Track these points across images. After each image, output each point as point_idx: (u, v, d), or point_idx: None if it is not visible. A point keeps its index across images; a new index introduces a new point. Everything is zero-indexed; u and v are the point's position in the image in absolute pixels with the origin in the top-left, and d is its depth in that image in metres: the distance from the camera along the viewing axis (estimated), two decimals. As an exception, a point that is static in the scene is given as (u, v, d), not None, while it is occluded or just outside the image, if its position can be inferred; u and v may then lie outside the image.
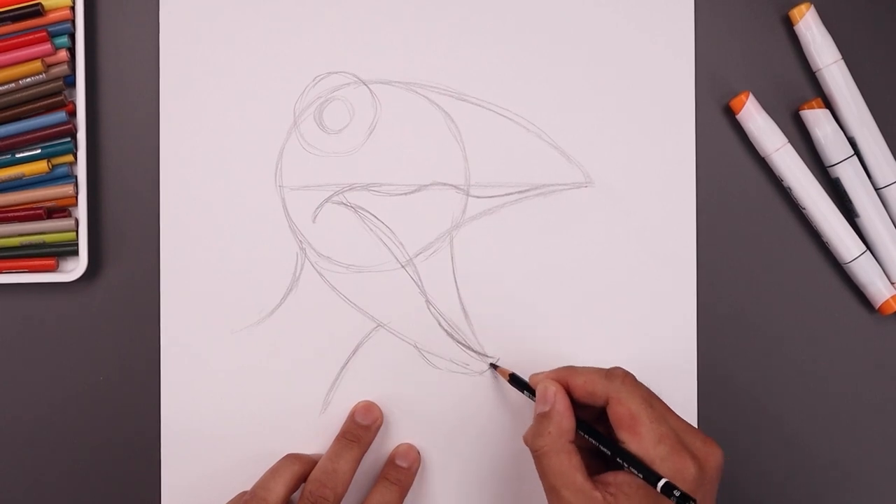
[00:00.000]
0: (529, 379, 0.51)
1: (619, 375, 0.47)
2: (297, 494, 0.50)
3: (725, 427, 0.54)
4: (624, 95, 0.54)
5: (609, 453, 0.45)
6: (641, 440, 0.44)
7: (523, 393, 0.51)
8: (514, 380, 0.51)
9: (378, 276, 0.53)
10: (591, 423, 0.47)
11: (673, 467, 0.44)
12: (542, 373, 0.50)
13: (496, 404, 0.53)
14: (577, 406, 0.47)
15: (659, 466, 0.44)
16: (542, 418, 0.47)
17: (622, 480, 0.44)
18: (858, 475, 0.55)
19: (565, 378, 0.48)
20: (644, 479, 0.43)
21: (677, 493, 0.42)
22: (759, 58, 0.54)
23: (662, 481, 0.43)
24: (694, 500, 0.42)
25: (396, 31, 0.53)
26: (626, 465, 0.44)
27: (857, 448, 0.54)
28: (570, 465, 0.45)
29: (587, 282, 0.53)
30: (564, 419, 0.46)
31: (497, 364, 0.53)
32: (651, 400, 0.46)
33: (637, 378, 0.47)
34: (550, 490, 0.45)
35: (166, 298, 0.53)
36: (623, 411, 0.45)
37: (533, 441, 0.47)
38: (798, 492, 0.54)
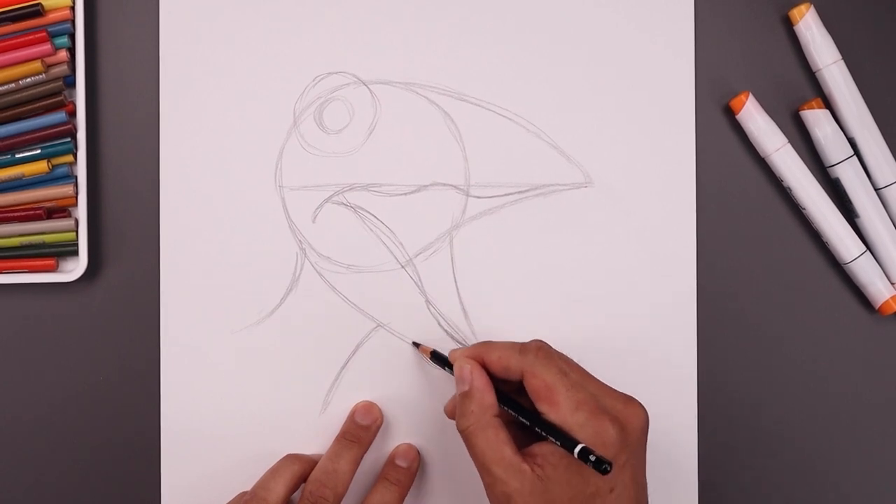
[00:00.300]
0: (449, 355, 0.50)
1: (533, 349, 0.46)
2: (297, 494, 0.50)
3: (725, 427, 0.54)
4: (624, 95, 0.54)
5: (528, 424, 0.45)
6: (559, 409, 0.44)
7: (444, 370, 0.51)
8: (436, 356, 0.51)
9: (378, 276, 0.53)
10: (513, 395, 0.47)
11: (592, 432, 0.43)
12: (460, 349, 0.50)
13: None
14: (499, 381, 0.47)
15: (578, 433, 0.43)
16: (463, 398, 0.47)
17: (547, 451, 0.44)
18: (858, 475, 0.55)
19: (481, 355, 0.48)
20: (562, 446, 0.43)
21: (593, 458, 0.42)
22: (759, 58, 0.54)
23: (578, 447, 0.43)
24: (609, 463, 0.41)
25: (396, 31, 0.53)
26: (545, 436, 0.44)
27: (857, 448, 0.54)
28: (496, 441, 0.45)
29: (587, 282, 0.53)
30: (485, 395, 0.46)
31: (419, 343, 0.53)
32: (567, 369, 0.46)
33: (553, 349, 0.47)
34: (481, 467, 0.45)
35: (166, 298, 0.53)
36: (538, 383, 0.45)
37: (459, 422, 0.46)
38: (798, 492, 0.54)
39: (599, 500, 0.44)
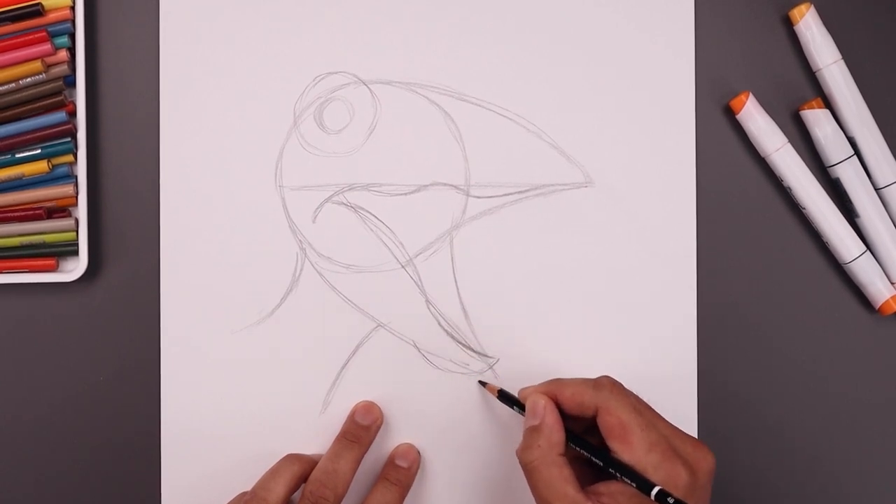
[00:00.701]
0: (518, 394, 0.50)
1: (607, 385, 0.46)
2: (297, 495, 0.50)
3: (725, 427, 0.54)
4: (624, 95, 0.54)
5: (601, 464, 0.45)
6: (633, 449, 0.44)
7: (513, 409, 0.51)
8: (503, 396, 0.51)
9: (378, 276, 0.53)
10: (581, 434, 0.47)
11: (665, 474, 0.43)
12: (531, 387, 0.50)
13: (496, 404, 0.53)
14: (567, 418, 0.47)
15: (651, 474, 0.43)
16: (532, 432, 0.47)
17: (615, 490, 0.44)
18: (858, 475, 0.55)
19: (553, 391, 0.48)
20: (637, 487, 0.43)
21: (671, 501, 0.42)
22: (759, 58, 0.54)
23: (656, 489, 0.42)
24: None
25: (396, 31, 0.53)
26: (618, 475, 0.44)
27: (857, 448, 0.54)
28: (560, 478, 0.45)
29: (587, 282, 0.53)
30: (554, 432, 0.46)
31: (485, 381, 0.53)
32: (640, 408, 0.46)
33: (625, 386, 0.47)
34: (541, 501, 0.45)
35: (166, 298, 0.53)
36: (613, 420, 0.45)
37: (523, 454, 0.46)
38: (798, 492, 0.54)
39: None
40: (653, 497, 0.42)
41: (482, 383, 0.53)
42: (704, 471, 0.45)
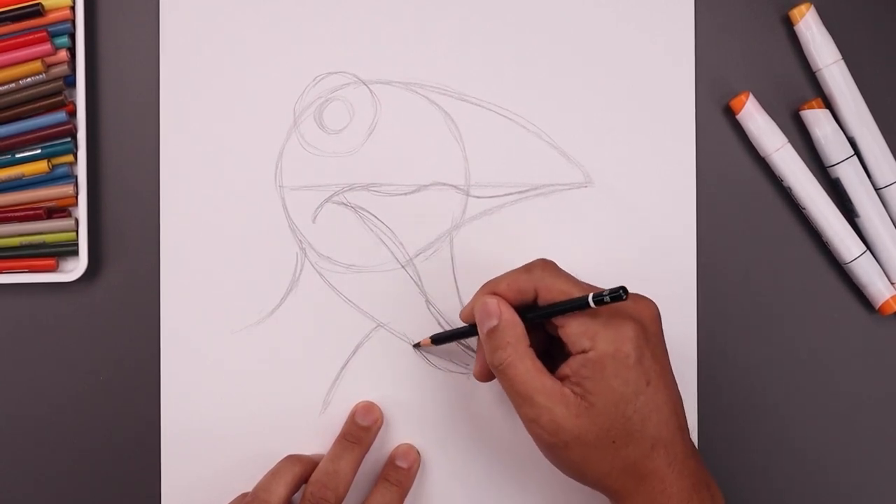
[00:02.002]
0: (460, 315, 0.49)
1: (540, 265, 0.47)
2: (298, 495, 0.50)
3: (725, 427, 0.54)
4: (624, 95, 0.54)
5: (556, 325, 0.45)
6: (576, 316, 0.45)
7: (455, 343, 0.50)
8: (438, 339, 0.51)
9: (378, 276, 0.53)
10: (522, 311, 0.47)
11: (614, 333, 0.44)
12: (467, 304, 0.49)
13: (496, 404, 0.53)
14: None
15: (601, 335, 0.44)
16: (493, 333, 0.46)
17: (575, 365, 0.44)
18: (858, 475, 0.55)
19: (491, 289, 0.47)
20: (581, 311, 0.44)
21: (607, 294, 0.43)
22: (759, 58, 0.54)
23: (590, 296, 0.43)
24: (623, 288, 0.42)
25: (396, 31, 0.53)
26: (572, 353, 0.45)
27: (857, 448, 0.54)
28: (535, 370, 0.45)
29: (587, 282, 0.53)
30: (517, 325, 0.46)
31: (418, 342, 0.53)
32: (575, 280, 0.46)
33: (557, 265, 0.47)
34: (524, 400, 0.45)
35: (166, 298, 0.53)
36: (553, 295, 0.45)
37: (494, 357, 0.46)
38: (798, 492, 0.54)
39: (642, 396, 0.44)
40: (591, 304, 0.43)
41: (416, 346, 0.53)
42: (650, 318, 0.46)
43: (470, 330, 0.49)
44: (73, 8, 0.52)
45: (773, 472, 0.54)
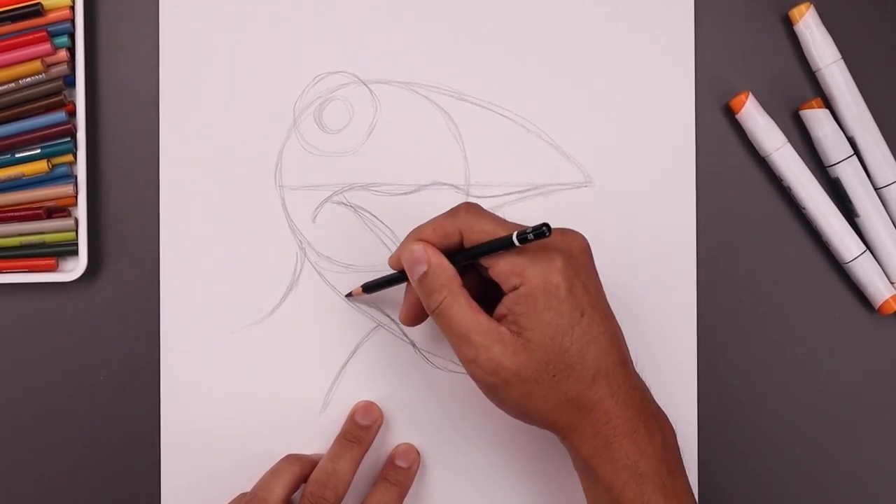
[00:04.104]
0: (389, 261, 0.49)
1: (464, 208, 0.47)
2: (297, 495, 0.50)
3: (725, 427, 0.54)
4: (624, 95, 0.54)
5: (484, 266, 0.45)
6: (504, 256, 0.45)
7: (385, 287, 0.50)
8: (369, 286, 0.51)
9: (378, 275, 0.53)
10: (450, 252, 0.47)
11: (542, 266, 0.44)
12: (395, 251, 0.48)
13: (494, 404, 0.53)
14: None
15: (530, 269, 0.44)
16: (424, 279, 0.46)
17: (509, 303, 0.44)
18: (858, 475, 0.55)
19: (416, 236, 0.47)
20: (506, 250, 0.44)
21: (530, 232, 0.43)
22: (759, 58, 0.54)
23: (514, 234, 0.43)
24: (546, 225, 0.42)
25: (396, 31, 0.53)
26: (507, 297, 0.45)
27: (856, 448, 0.54)
28: (470, 308, 0.45)
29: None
30: (446, 267, 0.46)
31: (350, 292, 0.53)
32: (500, 219, 0.46)
33: (483, 207, 0.47)
34: (461, 340, 0.45)
35: (166, 298, 0.53)
36: (478, 236, 0.45)
37: (429, 300, 0.46)
38: (798, 491, 0.54)
39: (578, 327, 0.44)
40: (516, 242, 0.43)
41: (348, 296, 0.53)
42: (579, 249, 0.46)
43: (400, 276, 0.49)
44: (72, 8, 0.52)
45: (772, 472, 0.54)
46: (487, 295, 0.47)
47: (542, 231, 0.42)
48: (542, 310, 0.44)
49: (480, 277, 0.47)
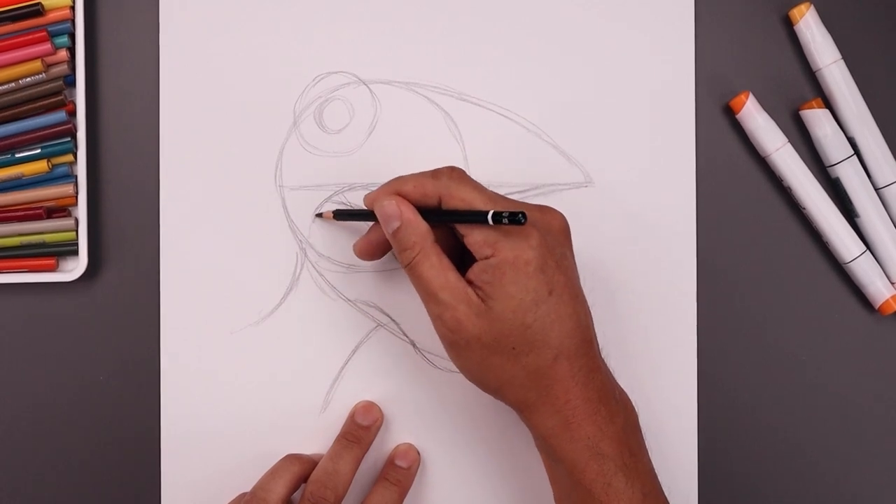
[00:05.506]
0: (364, 200, 0.49)
1: (446, 172, 0.47)
2: (297, 495, 0.50)
3: (725, 427, 0.54)
4: (624, 95, 0.54)
5: (460, 232, 0.46)
6: (479, 226, 0.45)
7: (356, 220, 0.50)
8: (341, 214, 0.51)
9: (378, 275, 0.53)
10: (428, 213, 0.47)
11: (515, 242, 0.44)
12: (373, 192, 0.49)
13: (496, 404, 0.53)
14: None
15: (503, 244, 0.44)
16: (398, 234, 0.46)
17: (478, 270, 0.45)
18: (858, 475, 0.55)
19: (395, 188, 0.47)
20: (482, 224, 0.44)
21: (506, 216, 0.43)
22: (759, 58, 0.54)
23: (490, 213, 0.44)
24: (522, 213, 0.43)
25: (397, 31, 0.53)
26: (478, 258, 0.45)
27: (856, 448, 0.54)
28: (441, 266, 0.45)
29: (587, 281, 0.53)
30: (420, 224, 0.46)
31: (320, 213, 0.53)
32: (481, 187, 0.46)
33: (466, 173, 0.47)
34: (429, 297, 0.45)
35: (166, 298, 0.53)
36: (457, 202, 0.46)
37: (402, 257, 0.46)
38: (798, 491, 0.54)
39: (544, 305, 0.44)
40: (490, 221, 0.44)
41: (318, 215, 0.53)
42: (557, 229, 0.47)
43: (372, 214, 0.49)
44: (72, 8, 0.52)
45: (772, 472, 0.54)
46: (465, 258, 0.47)
47: (518, 219, 0.43)
48: (507, 283, 0.44)
49: (458, 239, 0.47)
